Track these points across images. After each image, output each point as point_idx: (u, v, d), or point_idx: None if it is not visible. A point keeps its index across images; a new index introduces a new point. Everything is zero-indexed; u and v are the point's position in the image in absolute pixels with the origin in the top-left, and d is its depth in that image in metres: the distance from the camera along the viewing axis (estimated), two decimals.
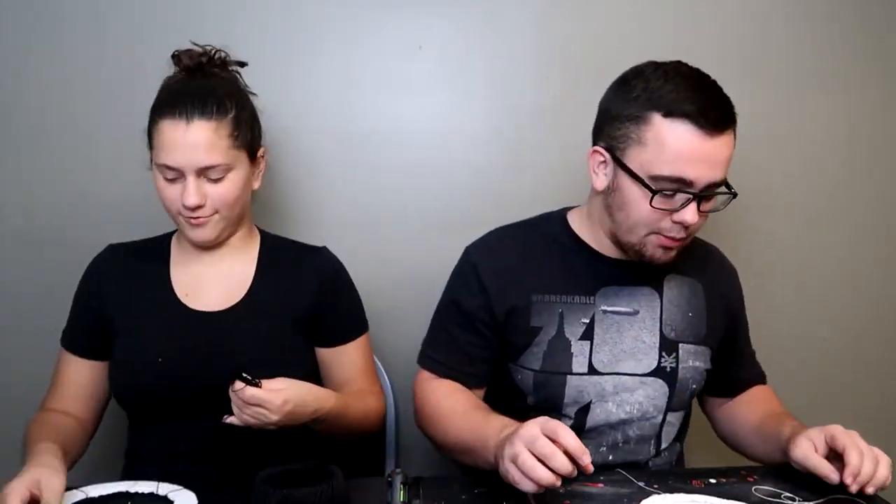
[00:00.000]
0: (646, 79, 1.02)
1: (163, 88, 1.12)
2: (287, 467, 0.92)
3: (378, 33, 1.50)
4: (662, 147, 0.98)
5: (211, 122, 1.05)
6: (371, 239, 1.53)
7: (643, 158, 1.00)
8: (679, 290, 1.15)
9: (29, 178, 1.45)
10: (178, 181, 1.06)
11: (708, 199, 1.04)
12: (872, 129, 1.65)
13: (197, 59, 1.12)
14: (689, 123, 0.97)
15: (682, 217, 1.00)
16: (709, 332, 1.17)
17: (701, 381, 1.17)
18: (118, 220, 1.41)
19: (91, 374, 1.16)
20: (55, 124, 1.44)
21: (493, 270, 1.13)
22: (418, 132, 1.53)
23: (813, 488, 0.97)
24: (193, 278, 1.17)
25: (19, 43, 1.42)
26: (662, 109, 0.98)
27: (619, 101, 1.04)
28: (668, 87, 0.99)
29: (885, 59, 1.63)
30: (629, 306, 1.12)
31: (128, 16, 1.44)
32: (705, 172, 0.99)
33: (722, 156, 1.00)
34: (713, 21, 1.57)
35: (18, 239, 1.46)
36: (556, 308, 1.11)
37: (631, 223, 1.04)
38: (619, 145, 1.03)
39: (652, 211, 1.01)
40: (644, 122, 1.00)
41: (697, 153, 0.97)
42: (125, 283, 1.16)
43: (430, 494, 0.95)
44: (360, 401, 1.18)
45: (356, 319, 1.25)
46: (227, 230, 1.14)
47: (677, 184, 0.99)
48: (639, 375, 1.11)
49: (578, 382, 1.10)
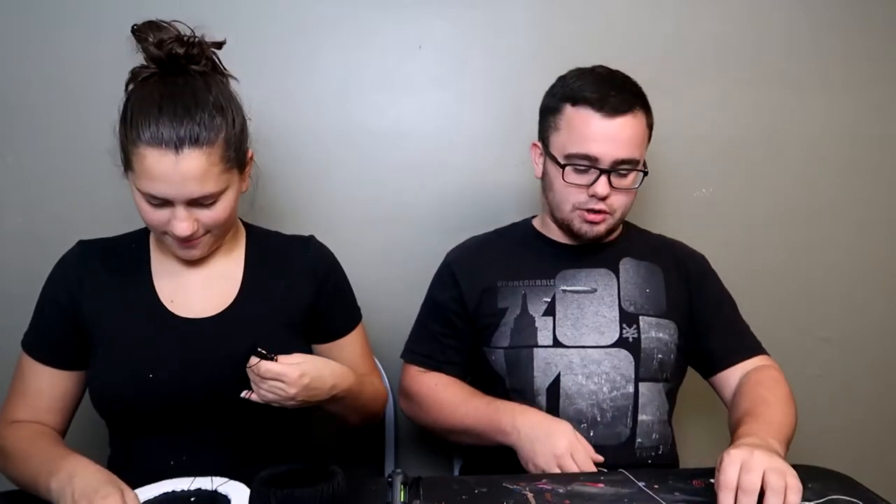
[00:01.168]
0: (564, 80, 1.22)
1: (136, 96, 0.97)
2: (287, 467, 0.92)
3: (378, 33, 1.50)
4: (570, 130, 1.17)
5: (203, 148, 0.93)
6: (371, 239, 1.53)
7: (559, 142, 1.19)
8: (635, 271, 1.26)
9: (29, 178, 1.45)
10: (164, 207, 0.96)
11: (622, 177, 1.17)
12: (873, 129, 1.65)
13: (169, 49, 0.96)
14: (590, 108, 1.15)
15: (594, 190, 1.16)
16: (670, 307, 1.24)
17: (668, 353, 1.22)
18: (118, 220, 1.40)
19: (63, 384, 1.06)
20: (55, 124, 1.44)
21: (465, 265, 1.29)
22: (418, 132, 1.53)
23: (813, 489, 0.97)
24: (179, 283, 1.07)
25: (19, 43, 1.42)
26: (571, 100, 1.17)
27: (546, 99, 1.24)
28: (578, 83, 1.18)
29: (885, 59, 1.63)
30: (587, 285, 1.24)
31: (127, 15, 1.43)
32: (608, 150, 1.14)
33: (623, 135, 1.15)
34: (713, 21, 1.58)
35: (18, 239, 1.46)
36: (520, 291, 1.24)
37: (557, 200, 1.21)
38: (546, 136, 1.23)
39: (566, 185, 1.18)
40: (559, 112, 1.19)
41: (599, 133, 1.14)
42: (102, 285, 1.06)
43: (430, 494, 0.95)
44: (369, 383, 1.17)
45: (351, 310, 1.21)
46: (217, 243, 1.07)
47: (586, 160, 1.15)
48: (603, 347, 1.20)
49: (546, 355, 1.20)
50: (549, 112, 1.22)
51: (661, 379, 1.23)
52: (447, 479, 1.06)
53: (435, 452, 1.57)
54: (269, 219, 1.42)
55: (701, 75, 1.58)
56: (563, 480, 1.01)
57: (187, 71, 0.99)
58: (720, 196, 1.61)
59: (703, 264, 1.33)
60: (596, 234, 1.20)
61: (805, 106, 1.62)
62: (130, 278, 1.08)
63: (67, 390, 1.07)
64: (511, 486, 0.99)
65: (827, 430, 1.69)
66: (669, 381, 1.24)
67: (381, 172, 1.53)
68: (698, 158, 1.60)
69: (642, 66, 1.48)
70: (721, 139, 1.60)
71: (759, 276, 1.64)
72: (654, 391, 1.21)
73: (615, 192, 1.17)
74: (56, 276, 1.09)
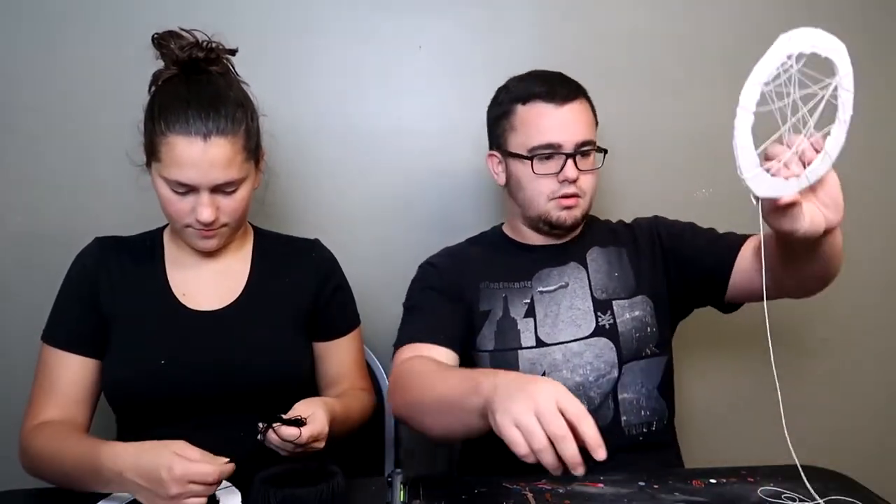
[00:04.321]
0: (506, 86, 1.27)
1: (163, 93, 1.05)
2: (287, 467, 0.92)
3: (378, 33, 1.50)
4: (528, 125, 1.20)
5: (228, 137, 1.01)
6: (371, 239, 1.53)
7: (519, 140, 1.22)
8: (603, 258, 1.28)
9: (29, 178, 1.45)
10: (189, 195, 1.03)
11: (585, 158, 1.21)
12: (872, 129, 1.65)
13: (189, 52, 1.05)
14: (542, 101, 1.19)
15: (564, 174, 1.19)
16: (639, 284, 1.26)
17: (645, 327, 1.24)
18: (119, 220, 1.40)
19: (86, 372, 1.09)
20: (55, 125, 1.44)
21: (447, 267, 1.29)
22: (418, 132, 1.53)
23: (813, 488, 0.97)
24: (190, 278, 1.14)
25: (19, 43, 1.42)
26: (520, 100, 1.22)
27: (492, 110, 1.28)
28: (522, 84, 1.24)
29: (885, 59, 1.63)
30: (560, 282, 1.26)
31: (126, 14, 1.44)
32: (568, 135, 1.18)
33: (578, 119, 1.20)
34: (713, 21, 1.58)
35: (18, 239, 1.46)
36: (501, 293, 1.25)
37: (529, 196, 1.23)
38: (501, 141, 1.26)
39: (536, 177, 1.21)
40: (511, 114, 1.23)
41: (555, 121, 1.19)
42: (118, 279, 1.12)
43: (430, 494, 0.95)
44: (357, 400, 1.18)
45: (350, 313, 1.25)
46: (231, 237, 1.14)
47: (549, 149, 1.19)
48: (582, 339, 1.21)
49: (530, 355, 1.21)
50: (500, 118, 1.25)
51: (646, 355, 1.23)
52: (447, 479, 1.06)
53: (435, 452, 1.56)
54: (268, 218, 1.42)
55: (701, 75, 1.58)
56: (563, 480, 1.00)
57: (208, 71, 1.07)
58: (720, 196, 1.61)
59: (656, 221, 1.32)
60: (573, 219, 1.22)
61: None
62: (145, 272, 1.13)
63: (93, 380, 1.10)
64: (511, 486, 1.00)
65: (827, 430, 1.69)
66: (658, 353, 1.24)
67: (380, 172, 1.53)
68: (698, 158, 1.60)
69: (642, 65, 1.49)
70: (721, 139, 1.59)
71: None
72: (635, 368, 1.22)
73: (582, 174, 1.21)
74: (75, 269, 1.14)
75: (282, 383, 1.10)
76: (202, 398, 1.07)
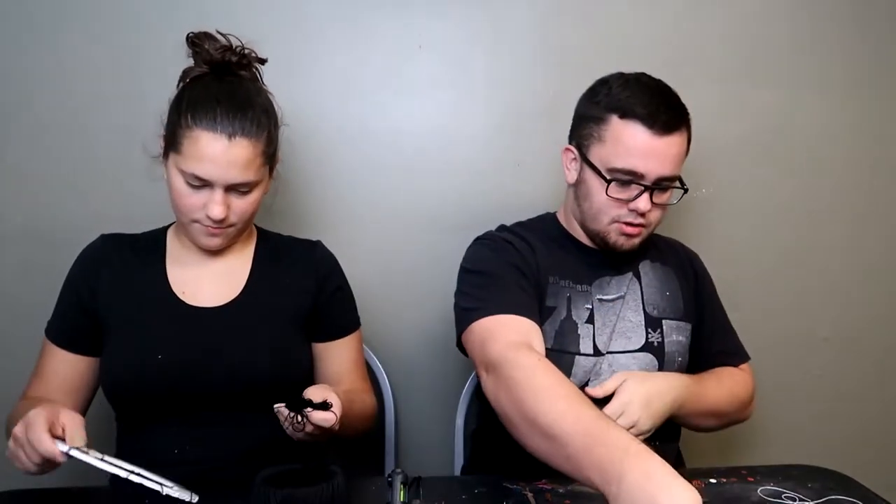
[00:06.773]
0: (609, 86, 1.17)
1: (193, 87, 1.07)
2: (287, 467, 0.92)
3: (378, 33, 1.50)
4: (617, 144, 1.13)
5: (251, 140, 1.03)
6: (371, 239, 1.53)
7: (602, 154, 1.15)
8: (654, 274, 1.27)
9: (29, 178, 1.45)
10: (203, 189, 1.04)
11: (662, 192, 1.17)
12: (872, 129, 1.65)
13: (222, 54, 1.08)
14: (641, 124, 1.11)
15: (636, 205, 1.14)
16: (686, 309, 1.27)
17: (685, 354, 1.25)
18: (119, 220, 1.41)
19: (77, 368, 1.12)
20: (55, 124, 1.44)
21: (523, 249, 1.21)
22: (418, 132, 1.53)
23: (813, 488, 0.97)
24: (191, 275, 1.15)
25: (19, 42, 1.42)
26: (619, 112, 1.13)
27: (587, 105, 1.20)
28: (626, 93, 1.14)
29: (885, 59, 1.63)
30: (617, 292, 1.23)
31: (129, 14, 1.44)
32: (654, 167, 1.12)
33: (670, 153, 1.13)
34: (713, 21, 1.58)
35: (18, 239, 1.46)
36: (566, 293, 1.21)
37: (594, 211, 1.18)
38: (584, 143, 1.18)
39: (608, 199, 1.15)
40: (604, 123, 1.15)
41: (647, 150, 1.11)
42: (120, 276, 1.13)
43: (430, 494, 0.95)
44: (359, 401, 1.18)
45: (350, 315, 1.25)
46: (237, 238, 1.15)
47: (630, 175, 1.13)
48: (630, 352, 1.20)
49: (585, 363, 1.17)
50: (590, 120, 1.17)
51: None
52: (447, 479, 1.06)
53: (435, 452, 1.56)
54: (268, 218, 1.42)
55: (701, 75, 1.58)
56: (563, 480, 1.00)
57: (238, 75, 1.10)
58: (720, 196, 1.62)
59: (701, 264, 1.35)
60: (631, 247, 1.19)
61: (805, 106, 1.62)
62: (146, 269, 1.15)
63: (80, 374, 1.13)
64: (511, 486, 1.00)
65: (827, 430, 1.70)
66: None
67: (380, 172, 1.53)
68: (698, 158, 1.60)
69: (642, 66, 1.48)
70: (721, 139, 1.60)
71: (758, 276, 1.64)
72: None
73: (654, 207, 1.16)
74: (77, 267, 1.16)
75: (279, 382, 1.09)
76: (199, 394, 1.07)
